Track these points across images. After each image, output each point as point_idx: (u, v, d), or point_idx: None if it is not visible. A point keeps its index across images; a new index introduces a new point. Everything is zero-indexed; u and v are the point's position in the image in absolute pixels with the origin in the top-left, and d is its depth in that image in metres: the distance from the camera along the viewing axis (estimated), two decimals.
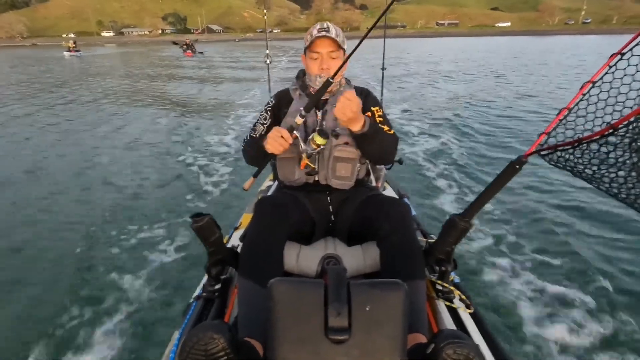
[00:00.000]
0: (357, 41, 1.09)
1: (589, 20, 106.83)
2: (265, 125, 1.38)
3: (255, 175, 1.28)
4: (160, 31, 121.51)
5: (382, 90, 2.49)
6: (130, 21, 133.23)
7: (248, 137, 1.40)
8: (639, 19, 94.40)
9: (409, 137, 5.87)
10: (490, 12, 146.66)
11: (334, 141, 1.29)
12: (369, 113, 1.33)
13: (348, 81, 1.44)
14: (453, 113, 7.50)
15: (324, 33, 1.26)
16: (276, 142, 1.15)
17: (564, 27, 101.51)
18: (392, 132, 1.30)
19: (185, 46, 26.57)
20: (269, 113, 1.39)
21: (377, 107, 1.38)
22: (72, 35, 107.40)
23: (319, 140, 1.18)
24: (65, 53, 28.29)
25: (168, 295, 2.24)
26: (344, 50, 1.33)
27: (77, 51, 28.99)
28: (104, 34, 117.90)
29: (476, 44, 40.29)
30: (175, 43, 31.38)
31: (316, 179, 1.33)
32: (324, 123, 1.32)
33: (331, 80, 1.13)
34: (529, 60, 18.42)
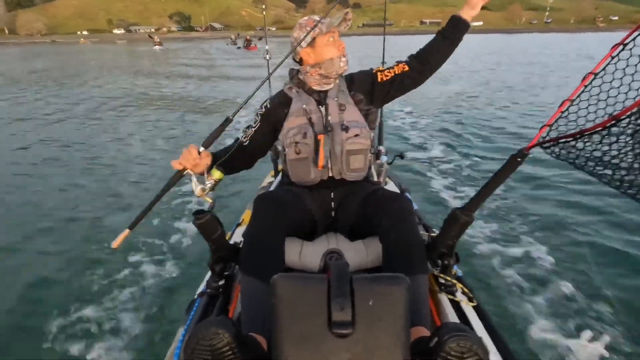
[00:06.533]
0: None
1: (549, 21, 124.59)
2: (254, 130, 1.34)
3: (131, 228, 1.16)
4: (165, 29, 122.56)
5: None
6: (135, 20, 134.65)
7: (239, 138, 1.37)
8: (592, 19, 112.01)
9: (410, 132, 5.85)
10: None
11: (345, 135, 1.27)
12: (382, 73, 1.35)
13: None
14: (454, 107, 7.47)
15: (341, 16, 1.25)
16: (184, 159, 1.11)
17: (529, 26, 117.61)
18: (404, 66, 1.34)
19: (247, 42, 31.50)
20: (259, 117, 1.35)
21: (376, 70, 1.38)
22: (85, 32, 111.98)
23: (218, 175, 1.14)
24: (155, 47, 36.30)
25: (172, 292, 2.26)
26: None
27: (161, 45, 37.75)
28: (115, 31, 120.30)
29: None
30: (234, 43, 38.61)
31: (330, 174, 1.31)
32: (329, 118, 1.29)
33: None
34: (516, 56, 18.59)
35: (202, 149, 1.12)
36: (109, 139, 5.90)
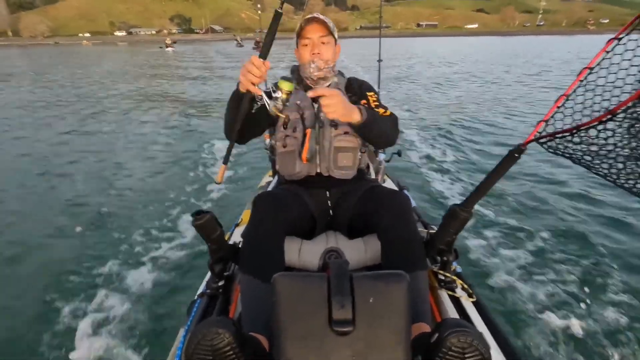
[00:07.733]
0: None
1: (542, 23, 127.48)
2: (259, 104, 1.23)
3: (225, 162, 1.15)
4: (166, 31, 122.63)
5: (379, 81, 2.49)
6: (136, 22, 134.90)
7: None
8: (584, 21, 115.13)
9: (408, 130, 5.86)
10: (472, 13, 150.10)
11: (334, 131, 1.29)
12: (364, 100, 1.31)
13: (341, 73, 1.43)
14: (451, 105, 7.48)
15: (313, 18, 1.27)
16: (249, 73, 0.99)
17: (522, 28, 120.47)
18: (388, 113, 1.25)
19: (256, 43, 32.96)
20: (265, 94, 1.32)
21: (372, 93, 1.37)
22: (87, 34, 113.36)
23: (286, 86, 1.01)
24: (168, 49, 38.02)
25: (173, 293, 2.26)
26: (335, 38, 1.33)
27: (174, 47, 39.97)
28: (117, 33, 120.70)
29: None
30: (241, 45, 40.38)
31: (318, 170, 1.32)
32: (321, 114, 1.31)
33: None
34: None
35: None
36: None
